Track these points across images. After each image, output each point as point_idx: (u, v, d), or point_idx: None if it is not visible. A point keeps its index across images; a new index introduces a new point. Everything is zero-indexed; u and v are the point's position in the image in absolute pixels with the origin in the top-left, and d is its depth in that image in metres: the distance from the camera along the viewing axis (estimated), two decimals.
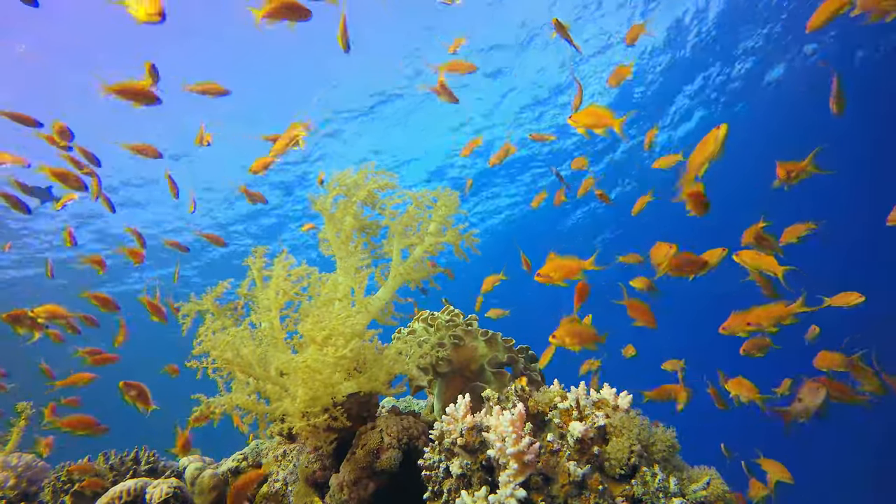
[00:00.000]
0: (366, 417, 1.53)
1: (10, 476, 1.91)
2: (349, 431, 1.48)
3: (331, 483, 1.39)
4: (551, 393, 1.28)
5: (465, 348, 1.70)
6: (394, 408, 1.69)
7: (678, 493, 1.05)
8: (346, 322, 1.31)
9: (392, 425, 1.43)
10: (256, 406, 1.34)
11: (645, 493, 1.05)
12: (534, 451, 1.04)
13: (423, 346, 1.58)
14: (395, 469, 1.34)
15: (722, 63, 7.21)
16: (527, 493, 1.03)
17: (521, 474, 1.04)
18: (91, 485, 1.83)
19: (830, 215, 7.30)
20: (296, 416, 1.29)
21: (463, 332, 1.74)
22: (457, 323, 1.82)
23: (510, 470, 1.03)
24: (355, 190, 1.63)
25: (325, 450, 1.47)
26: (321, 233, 1.65)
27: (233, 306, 1.49)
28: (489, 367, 1.66)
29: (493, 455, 1.07)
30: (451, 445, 1.15)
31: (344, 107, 7.24)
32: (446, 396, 1.70)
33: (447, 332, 1.75)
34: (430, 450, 1.20)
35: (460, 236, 1.66)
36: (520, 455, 1.03)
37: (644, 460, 1.12)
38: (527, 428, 1.09)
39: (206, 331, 1.34)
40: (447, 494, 1.12)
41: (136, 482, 1.62)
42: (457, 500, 1.08)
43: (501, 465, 1.06)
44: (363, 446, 1.38)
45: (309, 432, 1.38)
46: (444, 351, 1.67)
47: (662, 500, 1.04)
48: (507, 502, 1.01)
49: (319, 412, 1.31)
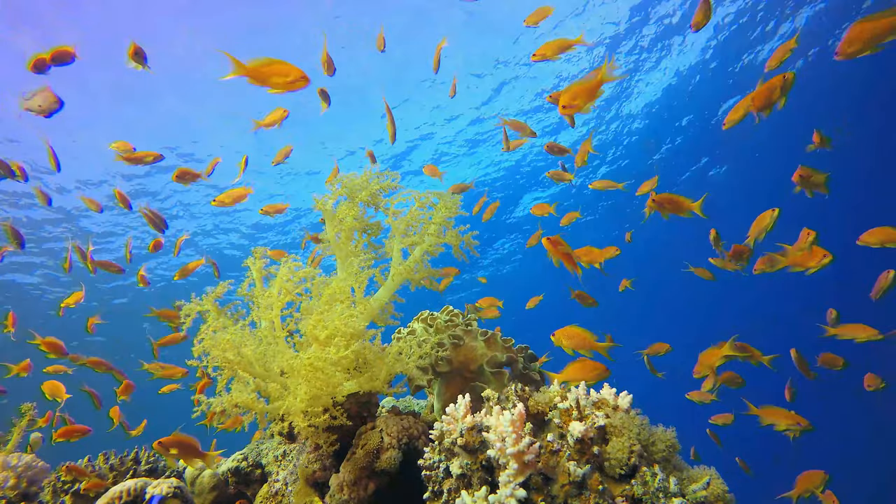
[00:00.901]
0: (366, 417, 1.53)
1: (11, 476, 1.91)
2: (349, 431, 1.48)
3: (331, 483, 1.39)
4: (551, 393, 1.28)
5: (464, 348, 1.70)
6: (394, 408, 1.69)
7: (678, 493, 1.05)
8: (348, 322, 1.31)
9: (392, 425, 1.43)
10: (257, 404, 1.34)
11: (645, 492, 1.05)
12: (534, 451, 1.04)
13: (423, 346, 1.58)
14: (395, 469, 1.34)
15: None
16: (527, 493, 1.03)
17: (522, 474, 1.04)
18: (92, 486, 1.83)
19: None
20: (297, 414, 1.29)
21: (462, 331, 1.74)
22: (456, 323, 1.82)
23: (510, 470, 1.03)
24: (358, 191, 1.64)
25: (325, 450, 1.47)
26: (322, 234, 1.65)
27: (231, 306, 1.49)
28: (488, 367, 1.66)
29: (493, 455, 1.07)
30: (451, 445, 1.15)
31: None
32: (446, 396, 1.70)
33: (446, 332, 1.75)
34: (429, 450, 1.20)
35: (459, 237, 1.66)
36: (520, 455, 1.03)
37: (644, 460, 1.12)
38: (527, 428, 1.09)
39: (208, 329, 1.35)
40: (447, 494, 1.12)
41: (136, 482, 1.61)
42: (457, 500, 1.08)
43: (501, 465, 1.06)
44: (363, 446, 1.38)
45: (309, 432, 1.39)
46: (443, 351, 1.67)
47: (662, 499, 1.04)
48: (508, 502, 1.01)
49: (320, 412, 1.31)
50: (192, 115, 6.95)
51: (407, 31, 6.26)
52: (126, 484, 1.61)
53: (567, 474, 1.06)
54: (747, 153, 8.96)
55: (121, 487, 1.60)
